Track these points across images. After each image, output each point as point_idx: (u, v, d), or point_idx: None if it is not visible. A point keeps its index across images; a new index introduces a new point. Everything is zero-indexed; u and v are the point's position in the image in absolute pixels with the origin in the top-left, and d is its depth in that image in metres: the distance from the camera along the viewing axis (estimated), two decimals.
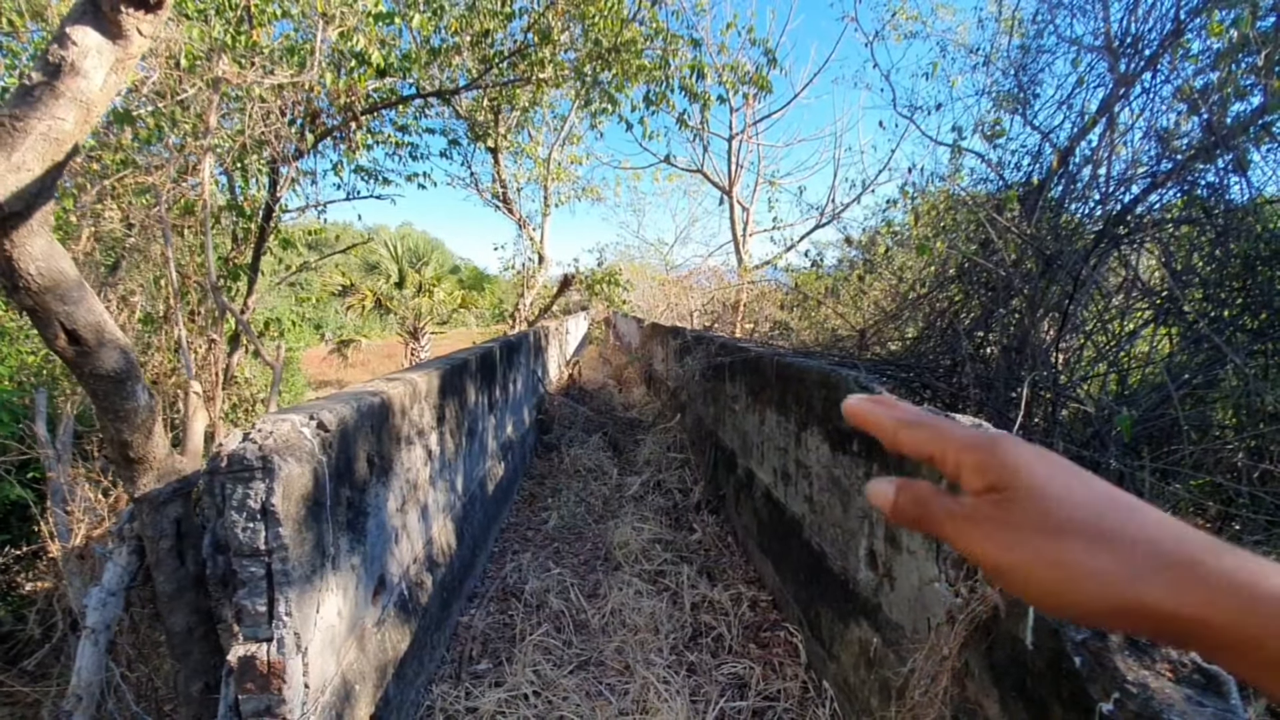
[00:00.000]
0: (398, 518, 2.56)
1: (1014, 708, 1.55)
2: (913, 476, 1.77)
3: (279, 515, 1.64)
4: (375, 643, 2.26)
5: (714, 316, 12.35)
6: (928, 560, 1.98)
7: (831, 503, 2.79)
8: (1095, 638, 1.36)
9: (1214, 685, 1.26)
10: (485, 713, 2.50)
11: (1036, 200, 4.24)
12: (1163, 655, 1.33)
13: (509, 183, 9.79)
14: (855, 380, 2.60)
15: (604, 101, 6.41)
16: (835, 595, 2.67)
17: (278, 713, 1.67)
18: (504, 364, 5.30)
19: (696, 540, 4.36)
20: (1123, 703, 1.25)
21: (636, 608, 3.36)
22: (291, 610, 1.69)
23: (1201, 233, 3.82)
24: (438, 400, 3.18)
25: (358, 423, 2.14)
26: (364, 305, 20.55)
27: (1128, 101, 4.09)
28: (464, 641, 3.14)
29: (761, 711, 2.60)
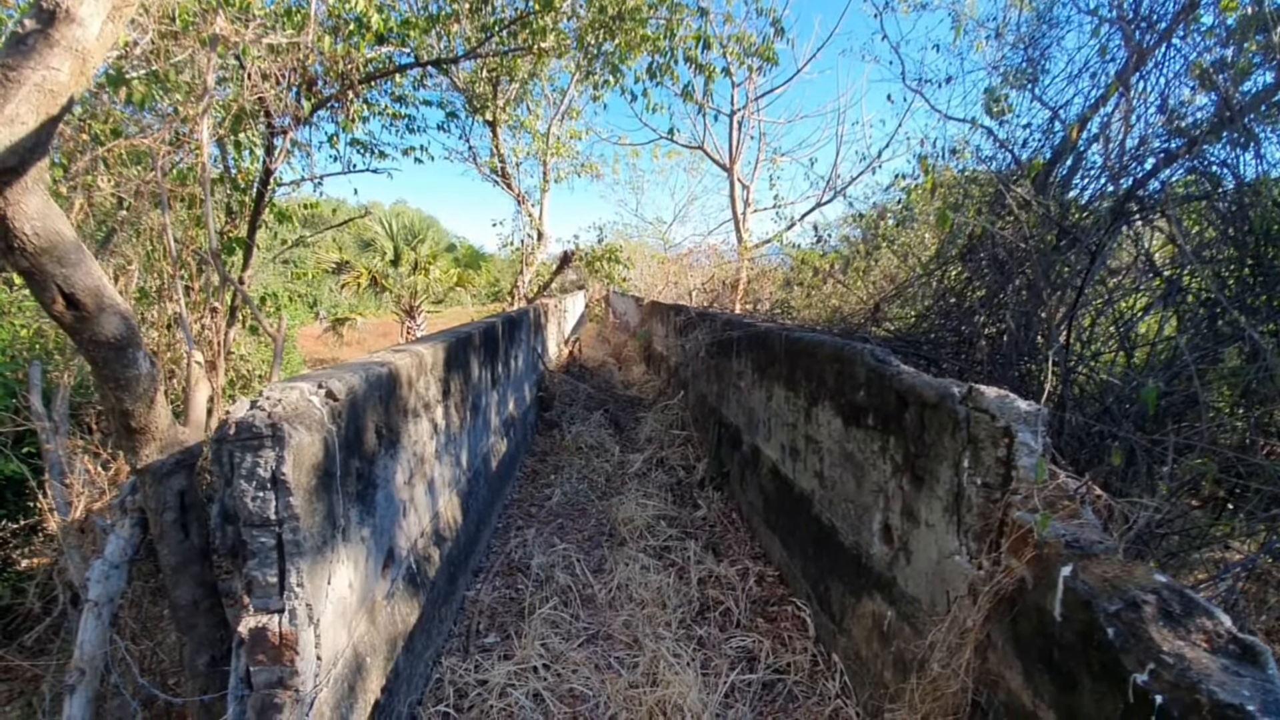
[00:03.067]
0: (405, 491, 2.52)
1: (1039, 680, 1.54)
2: (931, 452, 1.72)
3: (290, 484, 1.60)
4: (385, 615, 2.23)
5: (713, 295, 12.29)
6: (948, 534, 1.96)
7: (844, 478, 2.77)
8: (1129, 609, 1.34)
9: (1250, 655, 1.24)
10: (495, 685, 2.49)
11: (1047, 176, 4.18)
12: (1198, 626, 1.31)
13: (507, 157, 9.63)
14: (871, 354, 2.55)
15: (607, 73, 6.27)
16: (847, 570, 2.66)
17: (290, 684, 1.64)
18: (506, 339, 5.24)
19: (701, 516, 4.35)
20: (1158, 673, 1.23)
21: (643, 582, 3.35)
22: (303, 581, 1.66)
23: (1213, 209, 3.77)
24: (443, 373, 3.12)
25: (366, 393, 2.09)
26: (359, 283, 20.33)
27: (1142, 75, 4.01)
28: (471, 616, 3.12)
29: (771, 684, 2.60)
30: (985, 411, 1.81)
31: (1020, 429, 1.71)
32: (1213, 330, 3.42)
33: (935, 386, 2.05)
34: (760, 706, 2.47)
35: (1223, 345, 3.35)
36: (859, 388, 2.62)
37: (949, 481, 1.95)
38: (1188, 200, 3.90)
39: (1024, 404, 1.74)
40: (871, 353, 2.56)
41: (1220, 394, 3.30)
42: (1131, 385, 2.46)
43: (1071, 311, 3.36)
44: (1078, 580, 1.44)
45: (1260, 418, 3.05)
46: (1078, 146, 4.14)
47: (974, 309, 3.99)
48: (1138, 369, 3.49)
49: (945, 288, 4.34)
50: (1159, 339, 3.45)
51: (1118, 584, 1.39)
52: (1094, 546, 1.51)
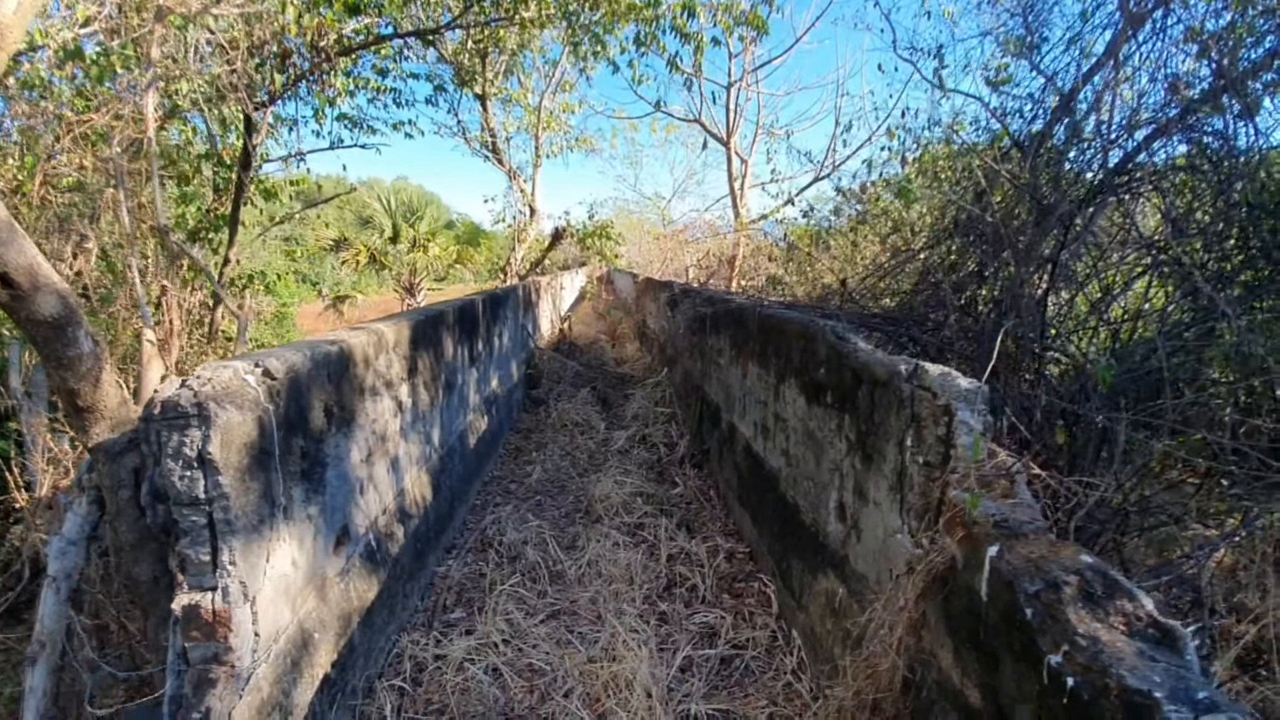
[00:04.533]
0: (363, 469, 2.52)
1: (967, 659, 1.53)
2: (879, 430, 1.70)
3: (218, 463, 1.59)
4: (338, 592, 2.24)
5: (709, 271, 12.19)
6: (892, 512, 1.94)
7: (806, 455, 2.75)
8: (1049, 589, 1.32)
9: (1169, 640, 1.23)
10: (454, 659, 2.52)
11: (1038, 147, 4.07)
12: (1118, 608, 1.29)
13: (498, 132, 9.50)
14: (832, 330, 2.52)
15: (592, 44, 6.14)
16: (806, 547, 2.66)
17: (225, 660, 1.66)
18: (487, 318, 5.21)
19: (678, 494, 4.35)
20: (1071, 655, 1.22)
21: (613, 559, 3.36)
22: (236, 559, 1.66)
23: (1204, 182, 3.67)
24: (409, 351, 3.11)
25: (312, 371, 2.08)
26: (358, 260, 20.28)
27: (1137, 42, 3.88)
28: (440, 592, 3.15)
29: (729, 659, 2.62)
30: (928, 389, 1.78)
31: (960, 407, 1.68)
32: (1196, 306, 3.36)
33: (885, 364, 2.02)
34: (715, 680, 2.49)
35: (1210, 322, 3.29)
36: (820, 365, 2.59)
37: (894, 460, 1.93)
38: (1173, 172, 3.80)
39: (964, 382, 1.71)
40: (832, 329, 2.52)
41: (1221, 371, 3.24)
42: (1104, 363, 2.41)
43: (1048, 289, 3.30)
44: (1003, 560, 1.43)
45: (1238, 395, 3.00)
46: (1074, 116, 4.02)
47: (955, 285, 3.93)
48: (1124, 346, 3.44)
49: (932, 264, 4.28)
50: (1140, 315, 3.39)
51: (1041, 564, 1.37)
52: (1023, 526, 1.49)
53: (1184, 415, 2.70)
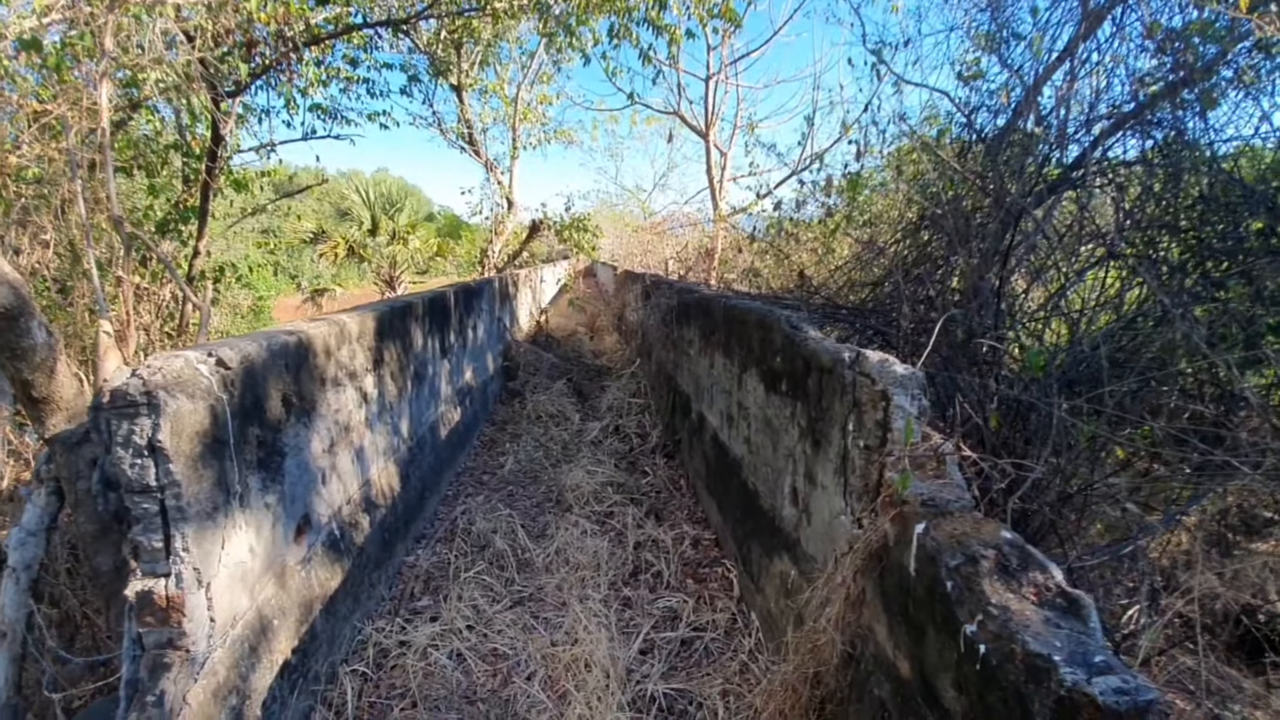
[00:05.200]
0: (325, 459, 2.54)
1: (898, 632, 1.60)
2: (826, 416, 1.76)
3: (168, 451, 1.61)
4: (299, 580, 2.27)
5: (687, 265, 12.24)
6: (836, 494, 2.01)
7: (764, 443, 2.82)
8: (968, 563, 1.39)
9: (1075, 608, 1.30)
10: (418, 645, 2.55)
11: (1000, 143, 4.16)
12: (1030, 579, 1.37)
13: (475, 123, 9.44)
14: (787, 320, 2.58)
15: (566, 36, 6.13)
16: (764, 531, 2.73)
17: (180, 645, 1.68)
18: (460, 310, 5.22)
19: (649, 483, 4.41)
20: (984, 624, 1.29)
21: (581, 547, 3.42)
22: (189, 546, 1.68)
23: (1152, 176, 3.77)
24: (374, 343, 3.12)
25: (268, 361, 2.09)
26: (336, 253, 20.09)
27: (1096, 39, 3.97)
28: (408, 580, 3.18)
29: (689, 641, 2.68)
30: (868, 375, 1.84)
31: (896, 392, 1.75)
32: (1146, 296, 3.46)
33: (830, 352, 2.08)
34: (674, 662, 2.55)
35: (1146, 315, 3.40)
36: (776, 354, 2.65)
37: (838, 444, 2.00)
38: (1124, 167, 3.90)
39: (900, 368, 1.77)
40: (786, 319, 2.58)
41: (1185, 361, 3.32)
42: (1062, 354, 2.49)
43: (1001, 281, 3.39)
44: (929, 537, 1.50)
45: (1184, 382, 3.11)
46: (1039, 110, 4.11)
47: (921, 279, 4.01)
48: (1082, 335, 3.54)
49: (899, 257, 4.36)
50: (1094, 306, 3.50)
51: (962, 540, 1.45)
52: (949, 505, 1.56)
53: (1121, 403, 2.80)
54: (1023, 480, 2.15)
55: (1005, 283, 3.56)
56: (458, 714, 2.29)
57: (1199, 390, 3.34)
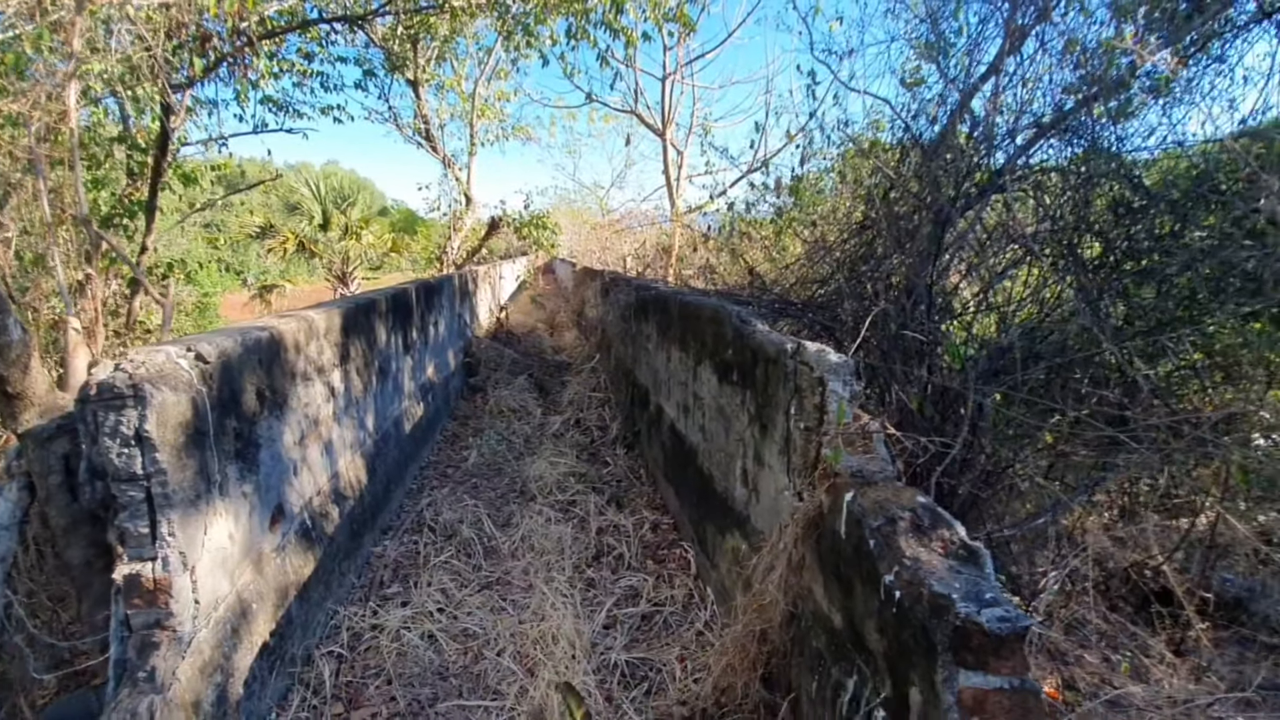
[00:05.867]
0: (296, 451, 2.62)
1: (832, 589, 1.82)
2: (772, 402, 1.97)
3: (154, 441, 1.70)
4: (275, 567, 2.36)
5: (645, 262, 12.43)
6: (781, 472, 2.22)
7: (718, 430, 3.02)
8: (888, 524, 1.61)
9: (974, 558, 1.53)
10: (390, 628, 2.67)
11: (937, 148, 4.46)
12: (939, 535, 1.59)
13: (431, 119, 9.40)
14: (737, 315, 2.78)
15: (524, 35, 6.22)
16: (718, 512, 2.93)
17: (167, 625, 1.77)
18: (422, 306, 5.28)
19: (610, 472, 4.58)
20: (900, 574, 1.51)
21: (545, 533, 3.57)
22: (175, 531, 1.77)
23: (1067, 182, 4.11)
24: (340, 339, 3.20)
25: (243, 356, 2.18)
26: (285, 248, 19.52)
27: (1021, 55, 4.30)
28: (376, 569, 3.27)
29: (650, 615, 2.87)
30: (807, 364, 2.06)
31: (831, 378, 1.96)
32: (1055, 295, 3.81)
33: (775, 343, 2.29)
34: (636, 634, 2.74)
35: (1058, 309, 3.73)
36: (727, 346, 2.85)
37: (782, 427, 2.21)
38: (1043, 174, 4.25)
39: (834, 356, 1.99)
40: (737, 314, 2.79)
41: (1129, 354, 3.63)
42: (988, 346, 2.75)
43: (933, 278, 3.67)
44: (856, 503, 1.71)
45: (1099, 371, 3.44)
46: (975, 117, 4.42)
47: (862, 276, 4.28)
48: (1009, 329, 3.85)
49: (844, 256, 4.64)
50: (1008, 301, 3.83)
51: (884, 504, 1.66)
52: (874, 476, 1.78)
53: (1036, 390, 3.11)
54: (951, 458, 2.41)
55: (938, 280, 3.85)
56: (431, 689, 2.42)
57: (1106, 378, 3.69)
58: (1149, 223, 3.86)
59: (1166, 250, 3.74)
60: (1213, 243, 3.66)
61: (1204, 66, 4.19)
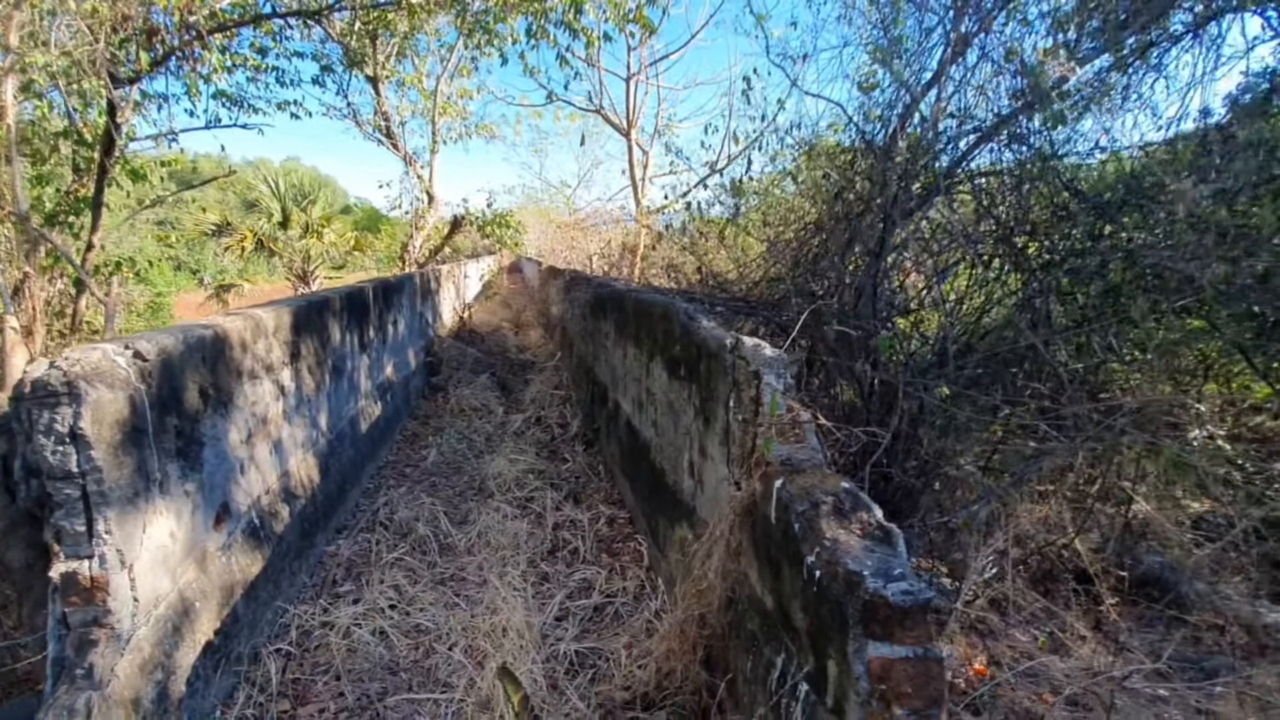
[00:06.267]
0: (243, 450, 2.61)
1: (764, 572, 1.90)
2: (714, 395, 2.04)
3: (89, 439, 1.70)
4: (220, 565, 2.35)
5: (611, 261, 12.48)
6: (721, 463, 2.31)
7: (668, 424, 3.10)
8: (811, 508, 1.70)
9: (888, 538, 1.62)
10: (341, 625, 2.68)
11: (886, 151, 4.61)
12: (858, 518, 1.69)
13: (392, 116, 9.30)
14: (684, 312, 2.86)
15: (482, 34, 6.21)
16: (669, 505, 3.01)
17: (105, 622, 1.77)
18: (380, 305, 5.24)
19: (568, 469, 4.63)
20: (820, 554, 1.60)
21: (501, 530, 3.60)
22: (112, 529, 1.77)
23: (1005, 186, 4.29)
24: (290, 337, 3.18)
25: (184, 354, 2.17)
26: (243, 247, 19.03)
27: (964, 62, 4.46)
28: (329, 568, 3.27)
29: (602, 607, 2.93)
30: (744, 358, 2.14)
31: (766, 372, 2.05)
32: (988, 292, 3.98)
33: (717, 338, 2.37)
34: (588, 625, 2.80)
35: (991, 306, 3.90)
36: (676, 343, 2.93)
37: (722, 419, 2.29)
38: (981, 176, 4.44)
39: (769, 351, 2.08)
40: (684, 310, 2.86)
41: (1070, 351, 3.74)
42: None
43: (875, 276, 3.80)
44: (784, 490, 1.80)
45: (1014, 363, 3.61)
46: (924, 119, 4.57)
47: (813, 275, 4.41)
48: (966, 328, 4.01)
49: (799, 255, 4.76)
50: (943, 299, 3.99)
51: (809, 490, 1.75)
52: (803, 464, 1.87)
53: (970, 383, 3.26)
54: (884, 447, 2.52)
55: (884, 278, 3.99)
56: (381, 684, 2.44)
57: (1039, 372, 3.86)
58: (1078, 225, 4.06)
59: (1095, 251, 3.95)
60: (1138, 243, 3.87)
61: (1142, 75, 4.42)
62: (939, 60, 4.71)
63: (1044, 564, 2.95)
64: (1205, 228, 3.44)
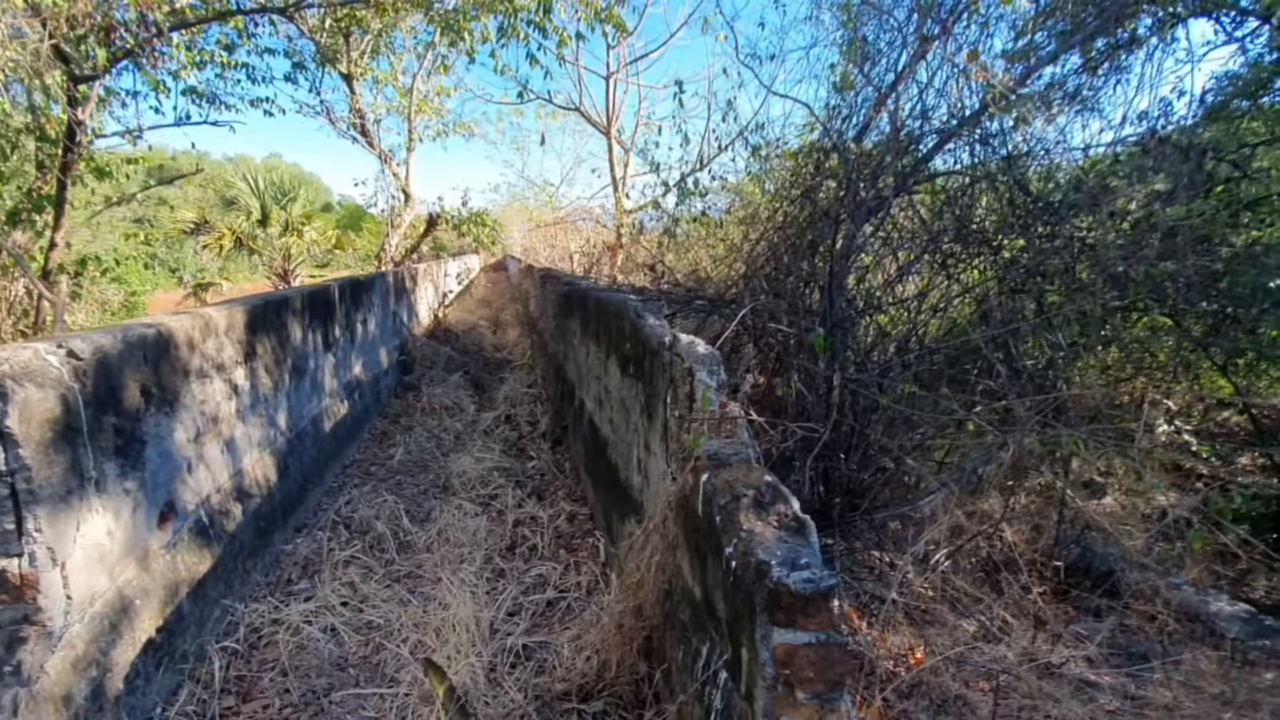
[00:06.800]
0: (190, 448, 2.62)
1: (694, 564, 1.95)
2: (655, 391, 2.07)
3: (17, 437, 1.70)
4: (164, 564, 2.36)
5: (591, 258, 12.50)
6: (662, 458, 2.35)
7: (621, 421, 3.13)
8: (732, 501, 1.75)
9: (802, 529, 1.67)
10: (291, 623, 2.69)
11: (851, 152, 4.66)
12: (776, 511, 1.73)
13: (367, 113, 9.26)
14: (633, 309, 2.90)
15: (450, 33, 6.21)
16: (622, 500, 3.05)
17: (35, 620, 1.78)
18: (347, 304, 5.24)
19: (534, 466, 4.66)
20: (737, 545, 1.64)
21: (462, 527, 3.62)
22: (42, 527, 1.78)
23: (965, 187, 4.36)
24: (244, 336, 3.18)
25: (124, 352, 2.17)
26: (221, 245, 18.82)
27: (927, 63, 4.53)
28: (285, 567, 3.27)
29: (555, 601, 2.97)
30: (679, 355, 2.18)
31: (699, 368, 2.09)
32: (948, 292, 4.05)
33: (658, 336, 2.41)
34: (539, 619, 2.83)
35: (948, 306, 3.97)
36: (627, 340, 2.97)
37: (662, 415, 2.33)
38: (940, 178, 4.51)
39: (702, 348, 2.12)
40: (634, 308, 2.90)
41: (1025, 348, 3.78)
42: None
43: (831, 276, 3.85)
44: (710, 484, 1.84)
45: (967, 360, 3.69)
46: (891, 118, 4.62)
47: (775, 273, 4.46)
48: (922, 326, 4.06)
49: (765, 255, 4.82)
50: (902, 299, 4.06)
51: (732, 484, 1.80)
52: (730, 459, 1.92)
53: (917, 379, 3.33)
54: (834, 443, 2.58)
55: (844, 277, 4.04)
56: (328, 679, 2.46)
57: (991, 369, 3.93)
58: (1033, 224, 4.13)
59: (1050, 250, 4.03)
60: (1090, 242, 3.95)
61: (1107, 77, 4.51)
62: (901, 63, 4.77)
63: (992, 556, 3.03)
64: (1148, 229, 3.54)
